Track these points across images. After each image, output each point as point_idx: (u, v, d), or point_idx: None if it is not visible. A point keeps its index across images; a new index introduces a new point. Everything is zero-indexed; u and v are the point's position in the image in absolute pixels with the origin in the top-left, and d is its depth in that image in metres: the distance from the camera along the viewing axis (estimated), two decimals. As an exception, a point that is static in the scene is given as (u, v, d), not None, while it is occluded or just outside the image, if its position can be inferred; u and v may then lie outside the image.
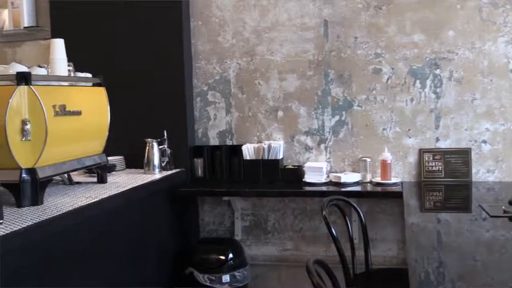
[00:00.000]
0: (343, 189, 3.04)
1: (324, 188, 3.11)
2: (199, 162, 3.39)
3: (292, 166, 3.34)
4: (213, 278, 3.03)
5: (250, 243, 3.49)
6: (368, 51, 3.23)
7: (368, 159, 3.19)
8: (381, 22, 3.20)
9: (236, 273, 3.09)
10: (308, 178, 3.20)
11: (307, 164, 3.27)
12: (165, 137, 3.18)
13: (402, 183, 3.13)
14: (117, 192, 2.52)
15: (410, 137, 3.22)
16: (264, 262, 3.47)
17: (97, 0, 3.36)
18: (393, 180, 3.13)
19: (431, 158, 3.16)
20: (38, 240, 1.93)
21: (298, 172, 3.27)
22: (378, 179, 3.15)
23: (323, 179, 3.19)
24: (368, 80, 3.25)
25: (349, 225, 2.60)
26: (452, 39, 3.12)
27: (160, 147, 3.14)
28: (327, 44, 3.29)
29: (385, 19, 3.20)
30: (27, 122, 2.10)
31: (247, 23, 3.39)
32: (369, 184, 3.16)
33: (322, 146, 3.35)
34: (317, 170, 3.21)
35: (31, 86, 2.13)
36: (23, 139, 2.09)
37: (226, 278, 3.04)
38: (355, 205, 2.69)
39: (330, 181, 3.19)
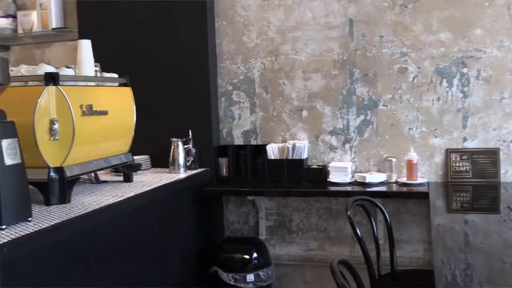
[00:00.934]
0: (368, 189, 3.01)
1: (349, 188, 3.09)
2: (223, 162, 3.40)
3: (317, 166, 3.33)
4: (238, 277, 3.04)
5: (275, 242, 3.50)
6: (394, 50, 3.20)
7: (394, 159, 3.16)
8: (407, 21, 3.17)
9: (261, 273, 3.09)
10: (333, 178, 3.18)
11: (332, 164, 3.25)
12: (190, 136, 3.20)
13: (428, 183, 3.09)
14: (143, 191, 2.54)
15: (436, 137, 3.18)
16: (288, 261, 3.47)
17: (123, 1, 3.40)
18: (419, 181, 3.09)
19: (458, 158, 3.12)
20: (65, 237, 1.96)
21: (322, 172, 3.26)
22: (403, 180, 3.12)
23: (348, 179, 3.17)
24: (394, 79, 3.22)
25: (374, 225, 2.58)
26: (480, 37, 3.07)
27: (185, 146, 3.16)
28: (352, 43, 3.27)
29: (411, 18, 3.16)
30: (55, 122, 2.14)
31: (271, 23, 3.39)
32: (394, 184, 3.13)
33: (347, 145, 3.33)
34: (342, 170, 3.19)
35: (59, 86, 2.16)
36: (51, 139, 2.13)
37: (250, 277, 3.05)
38: (380, 205, 2.67)
39: (355, 181, 3.17)
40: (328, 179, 3.20)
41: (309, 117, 3.38)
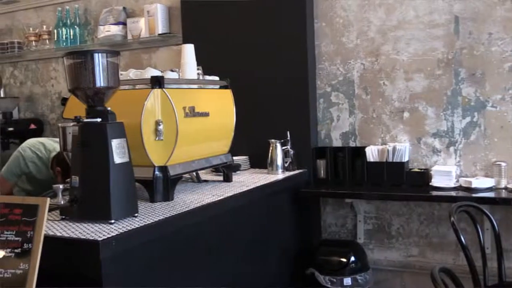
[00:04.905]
0: (474, 195, 2.86)
1: (453, 193, 2.95)
2: (321, 163, 3.38)
3: (419, 169, 3.21)
4: (334, 280, 3.01)
5: (373, 247, 3.42)
6: (504, 47, 3.01)
7: (503, 164, 2.97)
8: (519, 16, 2.97)
9: (358, 277, 3.04)
10: (436, 182, 3.05)
11: (435, 168, 3.12)
12: (288, 138, 3.21)
13: (542, 190, 2.88)
14: (242, 191, 2.59)
15: (552, 140, 2.95)
16: (387, 267, 3.38)
17: (223, 5, 3.49)
18: (532, 187, 2.89)
19: None
20: (168, 233, 2.04)
21: (424, 175, 3.14)
22: (514, 185, 2.93)
23: (452, 183, 3.03)
24: (504, 79, 3.03)
25: (480, 233, 2.45)
26: None
27: (283, 147, 3.18)
28: (458, 42, 3.12)
29: (524, 13, 2.96)
30: (160, 123, 2.23)
31: (372, 23, 3.33)
32: (504, 190, 2.94)
33: (452, 149, 3.18)
34: (445, 174, 3.05)
35: (164, 89, 2.26)
36: (156, 139, 2.23)
37: (347, 281, 3.00)
38: (487, 212, 2.53)
39: (460, 186, 3.02)
40: (430, 183, 3.07)
41: (410, 118, 3.27)
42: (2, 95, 4.40)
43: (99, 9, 4.19)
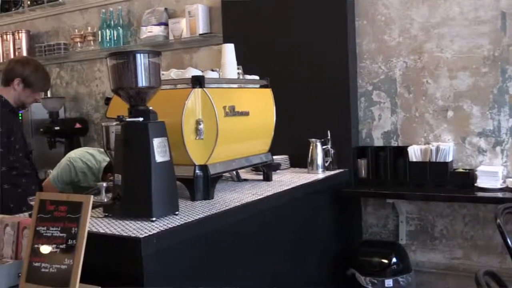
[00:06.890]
0: (521, 196, 2.78)
1: (499, 195, 2.86)
2: (362, 163, 3.34)
3: (463, 169, 3.13)
4: (375, 281, 2.97)
5: (416, 248, 3.36)
6: (554, 43, 2.91)
7: (553, 164, 2.87)
8: None
9: (400, 278, 2.99)
10: (481, 183, 2.97)
11: (480, 168, 3.04)
12: (329, 137, 3.19)
13: None
14: (281, 190, 2.59)
15: None
16: (430, 269, 3.31)
17: (263, 4, 3.49)
18: None
19: None
20: (208, 232, 2.05)
21: (469, 176, 3.06)
22: None
23: (498, 184, 2.94)
24: (554, 76, 2.93)
25: (528, 235, 2.37)
26: None
27: (324, 147, 3.16)
28: (505, 38, 3.03)
29: None
30: (201, 122, 2.25)
31: (414, 20, 3.26)
32: (553, 191, 2.84)
33: (498, 148, 3.09)
34: (491, 175, 2.97)
35: (204, 89, 2.28)
36: (197, 138, 2.25)
37: (389, 282, 2.96)
38: (535, 214, 2.44)
39: (507, 187, 2.93)
40: (475, 184, 3.00)
41: (455, 117, 3.19)
42: (48, 95, 4.53)
43: (142, 10, 4.26)
